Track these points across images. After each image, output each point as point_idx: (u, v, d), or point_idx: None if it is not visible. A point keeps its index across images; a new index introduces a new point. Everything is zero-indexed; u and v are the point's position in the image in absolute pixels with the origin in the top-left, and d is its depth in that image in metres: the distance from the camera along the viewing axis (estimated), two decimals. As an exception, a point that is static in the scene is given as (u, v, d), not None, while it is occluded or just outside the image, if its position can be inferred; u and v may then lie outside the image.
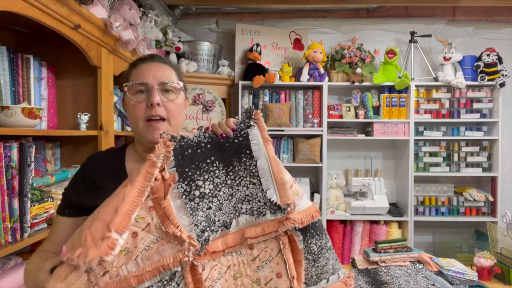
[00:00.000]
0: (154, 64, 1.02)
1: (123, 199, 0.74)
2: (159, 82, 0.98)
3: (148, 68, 1.00)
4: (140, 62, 1.03)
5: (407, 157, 3.19)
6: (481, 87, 3.22)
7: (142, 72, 1.00)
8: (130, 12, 2.01)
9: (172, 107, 0.99)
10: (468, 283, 1.75)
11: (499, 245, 1.99)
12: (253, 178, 0.85)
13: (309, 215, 0.87)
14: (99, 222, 0.71)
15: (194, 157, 0.84)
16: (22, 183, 1.24)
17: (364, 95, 3.22)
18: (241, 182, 0.86)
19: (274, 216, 0.84)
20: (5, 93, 1.43)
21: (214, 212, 0.83)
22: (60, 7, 1.42)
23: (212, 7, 3.40)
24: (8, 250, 1.17)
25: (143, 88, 0.98)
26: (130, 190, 0.75)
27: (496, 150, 3.17)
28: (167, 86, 1.00)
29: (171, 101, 0.99)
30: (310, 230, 0.88)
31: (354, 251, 3.16)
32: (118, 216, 0.72)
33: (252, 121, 0.89)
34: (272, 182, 0.85)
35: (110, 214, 0.72)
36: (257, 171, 0.85)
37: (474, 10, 3.50)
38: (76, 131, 1.69)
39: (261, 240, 0.85)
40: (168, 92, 1.00)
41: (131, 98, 0.99)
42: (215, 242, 0.82)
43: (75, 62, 1.76)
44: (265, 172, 0.85)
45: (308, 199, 0.91)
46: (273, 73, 3.09)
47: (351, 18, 3.51)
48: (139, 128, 0.98)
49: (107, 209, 0.73)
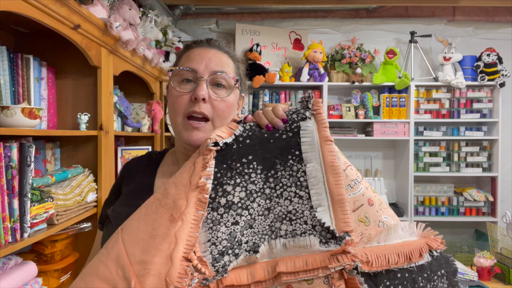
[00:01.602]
0: (210, 51, 0.83)
1: (176, 242, 0.57)
2: (211, 71, 0.80)
3: (201, 54, 0.82)
4: (194, 46, 0.85)
5: (407, 157, 3.19)
6: (481, 87, 3.22)
7: (194, 57, 0.81)
8: (130, 12, 2.01)
9: (221, 106, 0.80)
10: (468, 283, 1.75)
11: (499, 245, 1.99)
12: (300, 190, 0.62)
13: (391, 255, 0.60)
14: (152, 276, 0.56)
15: (226, 154, 0.64)
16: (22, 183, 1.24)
17: (364, 95, 3.22)
18: (284, 193, 0.62)
19: (325, 247, 0.59)
20: (5, 93, 1.43)
21: (242, 229, 0.61)
22: (60, 7, 1.41)
23: (212, 7, 3.40)
24: (8, 250, 1.17)
25: (190, 77, 0.80)
26: (182, 227, 0.58)
27: (496, 150, 3.17)
28: (219, 78, 0.80)
29: (220, 99, 0.80)
30: (385, 281, 0.59)
31: (354, 251, 3.15)
32: (174, 266, 0.56)
33: (309, 112, 0.67)
34: (326, 197, 0.61)
35: (162, 264, 0.56)
36: (306, 180, 0.62)
37: (474, 10, 3.50)
38: (76, 131, 1.69)
39: (303, 280, 0.59)
40: (220, 87, 0.81)
41: (175, 87, 0.81)
42: (237, 272, 0.60)
43: (75, 62, 1.76)
44: (317, 183, 0.62)
45: (408, 233, 0.65)
46: (273, 73, 3.09)
47: (351, 18, 3.51)
48: (177, 124, 0.81)
49: (157, 256, 0.57)
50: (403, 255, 0.61)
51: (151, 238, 0.59)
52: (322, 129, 0.66)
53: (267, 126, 0.67)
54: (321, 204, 0.61)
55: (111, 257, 0.60)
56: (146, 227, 0.61)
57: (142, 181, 0.86)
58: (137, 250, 0.59)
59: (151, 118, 2.61)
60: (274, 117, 0.68)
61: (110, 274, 0.58)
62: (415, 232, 0.66)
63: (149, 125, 2.63)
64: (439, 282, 0.65)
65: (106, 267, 0.59)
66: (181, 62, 0.84)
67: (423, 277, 0.62)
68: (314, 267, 0.58)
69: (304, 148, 0.64)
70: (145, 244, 0.59)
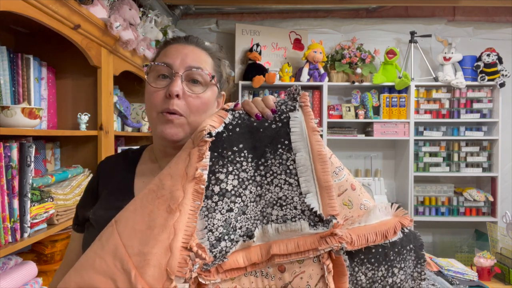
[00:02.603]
0: (188, 47, 0.81)
1: (175, 233, 0.59)
2: (186, 67, 0.78)
3: (179, 49, 0.80)
4: (172, 42, 0.83)
5: (407, 157, 3.19)
6: (481, 87, 3.22)
7: (170, 52, 0.80)
8: (130, 12, 2.01)
9: (195, 103, 0.78)
10: (468, 283, 1.75)
11: (499, 245, 1.99)
12: (290, 177, 0.66)
13: (370, 234, 0.66)
14: (152, 267, 0.57)
15: (217, 142, 0.65)
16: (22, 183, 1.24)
17: (364, 95, 3.22)
18: (274, 181, 0.66)
19: (313, 230, 0.63)
20: (5, 93, 1.43)
21: (236, 216, 0.64)
22: (60, 7, 1.41)
23: (212, 7, 3.40)
24: (8, 250, 1.17)
25: (166, 72, 0.78)
26: (180, 218, 0.60)
27: (496, 150, 3.17)
28: (194, 74, 0.78)
29: (195, 95, 0.78)
30: (360, 255, 0.66)
31: (354, 251, 3.16)
32: (174, 256, 0.57)
33: (297, 104, 0.70)
34: (314, 184, 0.65)
35: (162, 255, 0.58)
36: (295, 168, 0.66)
37: (474, 10, 3.50)
38: (76, 131, 1.69)
39: (295, 261, 0.64)
40: (196, 83, 0.79)
41: (150, 82, 0.79)
42: (234, 256, 0.64)
43: (75, 62, 1.76)
44: (306, 170, 0.66)
45: (384, 213, 0.70)
46: (273, 73, 3.09)
47: (351, 18, 3.51)
48: (153, 119, 0.79)
49: (157, 247, 0.58)
50: (380, 233, 0.67)
51: (148, 229, 0.60)
52: (309, 120, 0.69)
53: (257, 115, 0.68)
54: (310, 190, 0.65)
55: (107, 250, 0.60)
56: (143, 218, 0.61)
57: (120, 182, 0.84)
58: (135, 242, 0.59)
59: (151, 118, 2.61)
60: (264, 106, 0.69)
61: (108, 267, 0.59)
62: (390, 212, 0.72)
63: (149, 125, 2.63)
64: (407, 255, 0.72)
65: (102, 260, 0.59)
66: (158, 57, 0.83)
67: (394, 251, 0.68)
68: (305, 249, 0.63)
69: (293, 138, 0.67)
70: (142, 235, 0.60)
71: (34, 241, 1.31)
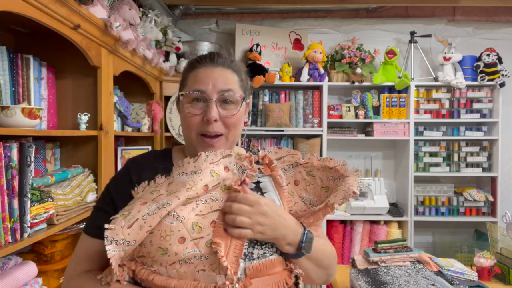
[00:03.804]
0: (215, 70, 0.89)
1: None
2: (219, 91, 0.87)
3: (207, 74, 0.88)
4: (199, 65, 0.90)
5: (407, 157, 3.19)
6: (481, 87, 3.22)
7: (200, 78, 0.88)
8: (130, 12, 2.01)
9: (232, 121, 0.88)
10: (468, 283, 1.75)
11: (499, 245, 1.99)
12: None
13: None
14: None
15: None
16: (22, 183, 1.24)
17: (364, 95, 3.22)
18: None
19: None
20: (5, 93, 1.43)
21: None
22: (60, 7, 1.41)
23: (212, 7, 3.39)
24: (8, 250, 1.17)
25: (199, 97, 0.87)
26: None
27: (496, 150, 3.17)
28: (227, 97, 0.87)
29: (231, 116, 0.88)
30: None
31: (354, 251, 3.16)
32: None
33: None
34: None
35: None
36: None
37: (474, 10, 3.50)
38: (76, 131, 1.69)
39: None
40: (228, 104, 0.88)
41: (186, 108, 0.88)
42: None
43: (75, 62, 1.76)
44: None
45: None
46: (273, 73, 3.09)
47: (351, 18, 3.51)
48: (192, 140, 0.89)
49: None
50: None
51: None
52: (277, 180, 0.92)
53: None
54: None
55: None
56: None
57: (164, 173, 0.87)
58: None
59: (151, 118, 2.61)
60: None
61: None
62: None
63: (149, 125, 2.63)
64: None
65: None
66: (189, 83, 0.90)
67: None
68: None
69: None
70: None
71: (34, 241, 1.31)
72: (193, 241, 0.75)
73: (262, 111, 3.20)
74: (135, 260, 0.81)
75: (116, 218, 0.77)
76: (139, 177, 0.88)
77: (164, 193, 0.80)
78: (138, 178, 0.88)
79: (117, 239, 0.73)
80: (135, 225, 0.74)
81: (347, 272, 1.90)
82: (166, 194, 0.79)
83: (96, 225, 0.86)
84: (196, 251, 0.75)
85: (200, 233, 0.76)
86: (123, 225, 0.74)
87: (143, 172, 0.89)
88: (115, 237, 0.73)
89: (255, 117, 3.22)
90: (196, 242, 0.75)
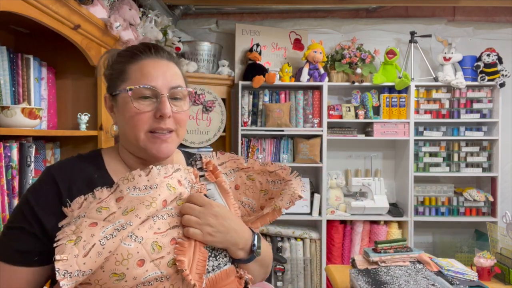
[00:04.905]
0: (162, 63, 0.84)
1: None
2: (170, 87, 0.82)
3: (155, 67, 0.82)
4: (143, 56, 0.83)
5: (407, 157, 3.19)
6: (481, 87, 3.22)
7: (148, 71, 0.81)
8: (130, 12, 2.01)
9: (182, 117, 0.84)
10: (468, 283, 1.75)
11: (499, 245, 1.99)
12: None
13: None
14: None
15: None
16: (22, 183, 1.24)
17: (364, 95, 3.22)
18: None
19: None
20: (5, 93, 1.44)
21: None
22: (60, 7, 1.42)
23: (212, 7, 3.39)
24: (8, 250, 1.17)
25: (149, 94, 0.80)
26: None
27: (496, 150, 3.17)
28: (177, 93, 0.83)
29: (181, 112, 0.84)
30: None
31: (354, 251, 3.16)
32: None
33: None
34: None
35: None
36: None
37: (474, 10, 3.50)
38: (76, 131, 1.69)
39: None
40: (178, 100, 0.84)
41: (134, 104, 0.79)
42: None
43: (75, 62, 1.76)
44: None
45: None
46: (273, 73, 3.09)
47: (351, 18, 3.51)
48: (140, 139, 0.81)
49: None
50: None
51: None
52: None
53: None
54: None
55: None
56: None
57: (99, 179, 0.80)
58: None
59: (151, 118, 2.61)
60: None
61: None
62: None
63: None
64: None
65: None
66: (133, 76, 0.81)
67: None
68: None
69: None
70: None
71: (34, 241, 1.31)
72: (153, 262, 0.69)
73: (262, 111, 3.20)
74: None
75: (63, 245, 0.66)
76: (69, 187, 0.76)
77: (117, 211, 0.71)
78: (69, 189, 0.76)
79: (71, 271, 0.63)
80: (92, 252, 0.65)
81: (347, 272, 1.90)
82: (121, 213, 0.71)
83: (16, 250, 0.72)
84: (158, 272, 0.69)
85: (160, 252, 0.70)
86: (77, 253, 0.65)
87: (74, 181, 0.77)
88: (69, 269, 0.63)
89: (255, 117, 3.22)
90: (156, 263, 0.69)
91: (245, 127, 3.13)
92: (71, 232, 0.68)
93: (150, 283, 0.69)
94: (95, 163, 0.84)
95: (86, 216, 0.71)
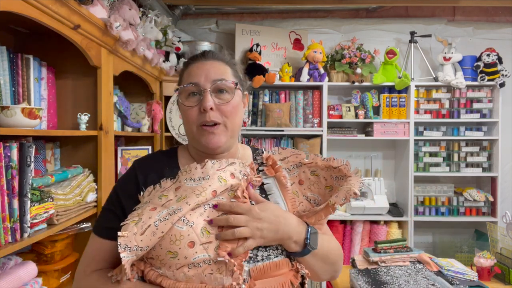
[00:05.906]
0: (207, 63, 0.92)
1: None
2: (211, 81, 0.90)
3: (199, 67, 0.92)
4: (192, 62, 0.94)
5: (407, 157, 3.19)
6: (481, 87, 3.22)
7: (193, 72, 0.92)
8: (130, 12, 2.01)
9: (228, 109, 0.90)
10: (468, 283, 1.75)
11: (499, 245, 1.99)
12: None
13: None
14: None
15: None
16: (22, 183, 1.24)
17: (364, 95, 3.22)
18: None
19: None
20: (5, 93, 1.43)
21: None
22: (60, 7, 1.41)
23: (212, 7, 3.40)
24: (8, 250, 1.17)
25: (195, 90, 0.90)
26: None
27: (496, 150, 3.17)
28: (220, 85, 0.90)
29: (226, 103, 0.90)
30: None
31: (354, 251, 3.16)
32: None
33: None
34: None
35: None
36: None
37: (474, 10, 3.50)
38: (76, 131, 1.69)
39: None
40: (223, 93, 0.91)
41: (183, 102, 0.91)
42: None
43: (75, 62, 1.76)
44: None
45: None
46: (273, 73, 3.09)
47: (351, 18, 3.51)
48: (193, 133, 0.91)
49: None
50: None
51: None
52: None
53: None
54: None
55: None
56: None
57: (170, 175, 0.90)
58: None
59: (151, 118, 2.61)
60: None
61: None
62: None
63: (149, 125, 2.63)
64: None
65: None
66: (184, 79, 0.94)
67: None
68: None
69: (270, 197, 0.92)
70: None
71: (34, 241, 1.31)
72: (202, 246, 0.77)
73: (262, 111, 3.20)
74: (144, 261, 0.83)
75: (127, 224, 0.78)
76: (145, 178, 0.90)
77: (173, 199, 0.82)
78: (144, 179, 0.90)
79: (131, 246, 0.75)
80: (147, 232, 0.76)
81: (347, 272, 1.90)
82: (175, 200, 0.81)
83: (105, 226, 0.89)
84: (205, 255, 0.77)
85: (208, 237, 0.78)
86: (136, 232, 0.76)
87: (149, 173, 0.91)
88: (129, 244, 0.75)
89: (255, 117, 3.22)
90: (205, 247, 0.77)
91: (245, 127, 3.13)
92: (136, 214, 0.80)
93: (199, 264, 0.77)
94: (170, 157, 0.97)
95: (150, 202, 0.83)
